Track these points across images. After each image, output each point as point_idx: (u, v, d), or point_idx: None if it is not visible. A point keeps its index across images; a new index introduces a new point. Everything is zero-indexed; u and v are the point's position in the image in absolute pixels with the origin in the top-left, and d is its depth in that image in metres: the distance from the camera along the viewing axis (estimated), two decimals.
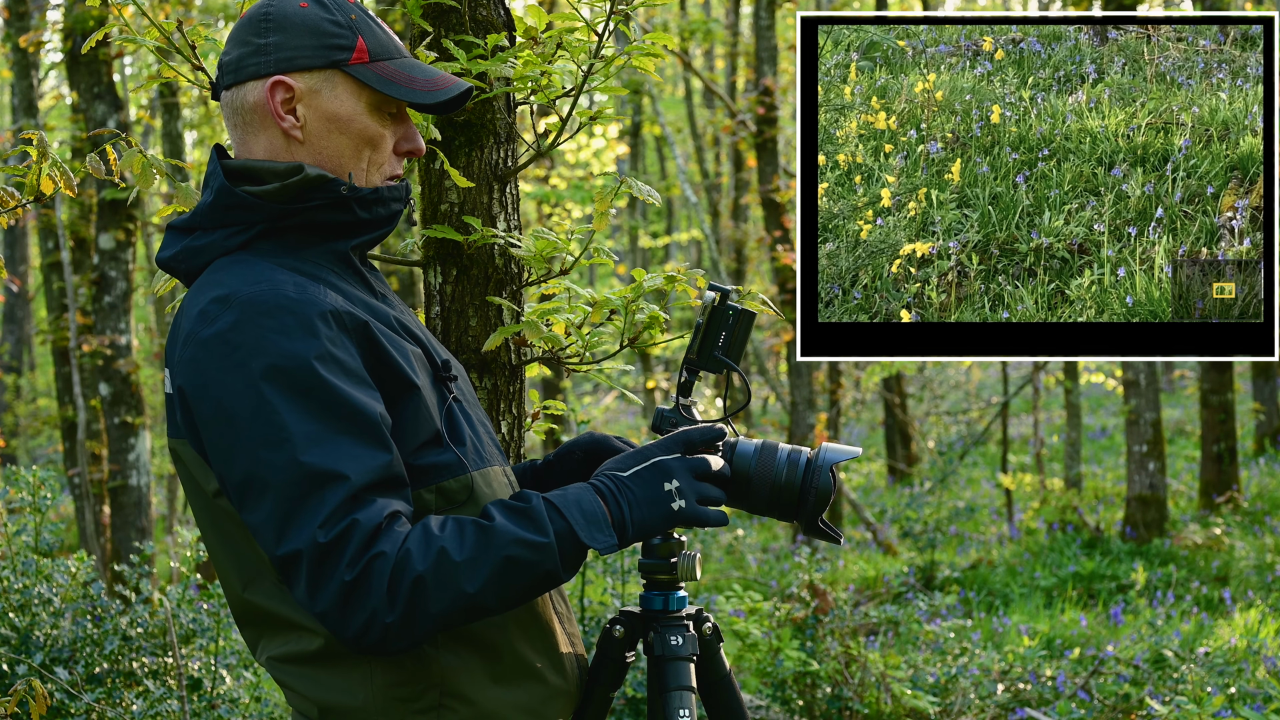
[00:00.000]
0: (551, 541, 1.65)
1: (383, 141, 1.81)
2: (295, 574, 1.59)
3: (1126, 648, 5.58)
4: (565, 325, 2.45)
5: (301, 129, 1.76)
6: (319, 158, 1.77)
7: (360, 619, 1.58)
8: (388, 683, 1.70)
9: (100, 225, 7.67)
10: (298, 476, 1.58)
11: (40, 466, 4.23)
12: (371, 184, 1.81)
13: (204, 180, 1.80)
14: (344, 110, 1.77)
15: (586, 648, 2.01)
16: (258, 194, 1.73)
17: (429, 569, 1.59)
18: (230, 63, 1.79)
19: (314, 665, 1.71)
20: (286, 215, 1.74)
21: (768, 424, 16.15)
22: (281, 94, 1.75)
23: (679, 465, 1.76)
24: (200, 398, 1.63)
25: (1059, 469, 12.47)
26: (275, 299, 1.64)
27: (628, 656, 2.00)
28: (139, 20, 5.76)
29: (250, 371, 1.60)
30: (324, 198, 1.75)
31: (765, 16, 9.60)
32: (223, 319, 1.63)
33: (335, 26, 1.77)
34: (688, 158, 17.91)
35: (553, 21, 2.44)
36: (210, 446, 1.64)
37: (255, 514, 1.61)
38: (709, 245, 10.43)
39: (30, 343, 17.74)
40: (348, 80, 1.77)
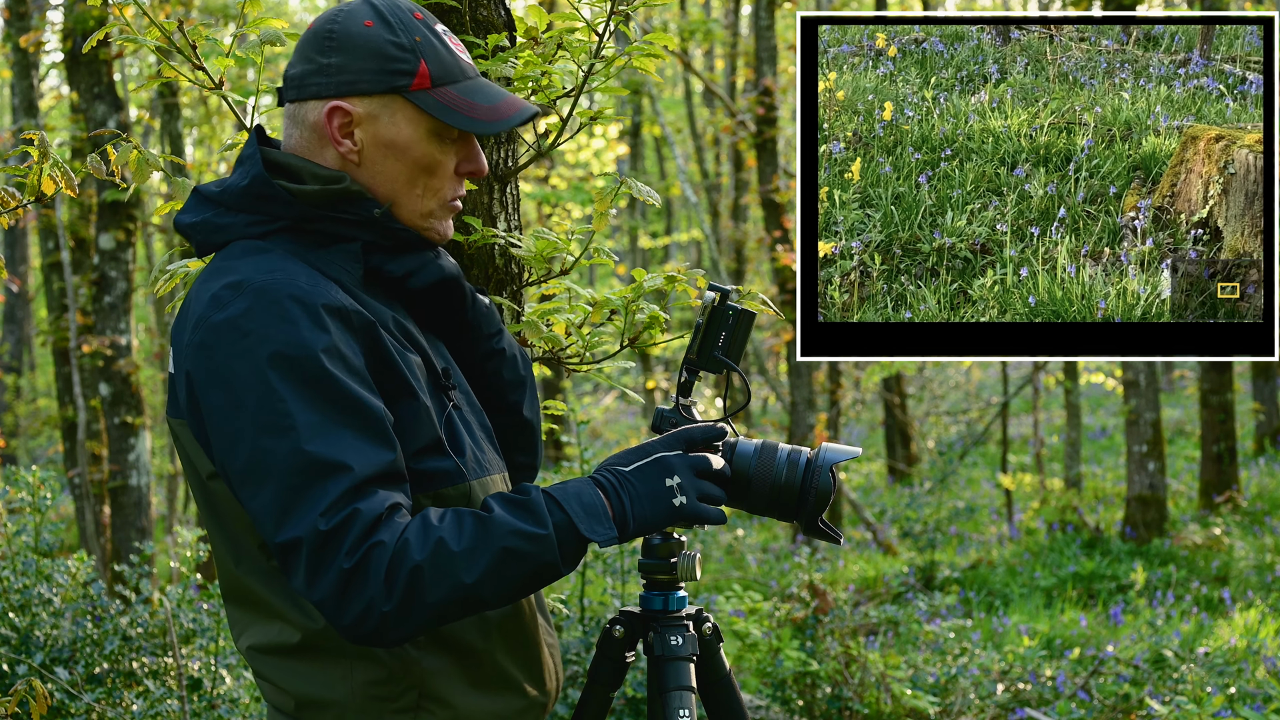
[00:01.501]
0: (550, 533, 1.65)
1: (440, 167, 1.79)
2: (294, 561, 1.59)
3: (1126, 648, 5.58)
4: (565, 325, 2.45)
5: (358, 153, 1.76)
6: (373, 182, 1.77)
7: (358, 607, 1.58)
8: (368, 680, 1.70)
9: (100, 225, 7.67)
10: (301, 465, 1.58)
11: (40, 466, 4.24)
12: (426, 210, 1.80)
13: (238, 159, 1.79)
14: (402, 137, 1.76)
15: (586, 648, 2.02)
16: (293, 192, 1.73)
17: (427, 558, 1.59)
18: (294, 77, 1.78)
19: (294, 658, 1.72)
20: (314, 219, 1.74)
21: (768, 424, 16.15)
22: (339, 119, 1.75)
23: (681, 462, 1.77)
24: (207, 382, 1.63)
25: (1059, 469, 12.47)
26: (288, 289, 1.64)
27: (628, 656, 2.00)
28: (139, 20, 5.77)
29: (258, 358, 1.60)
30: (355, 214, 1.75)
31: (765, 16, 9.60)
32: (234, 305, 1.63)
33: (398, 50, 1.74)
34: (687, 158, 17.92)
35: (553, 21, 2.44)
36: (213, 431, 1.64)
37: (256, 500, 1.61)
38: (709, 245, 10.43)
39: (30, 343, 17.74)
40: (407, 106, 1.75)
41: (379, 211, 1.76)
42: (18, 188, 2.48)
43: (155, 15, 2.30)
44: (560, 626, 4.44)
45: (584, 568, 4.53)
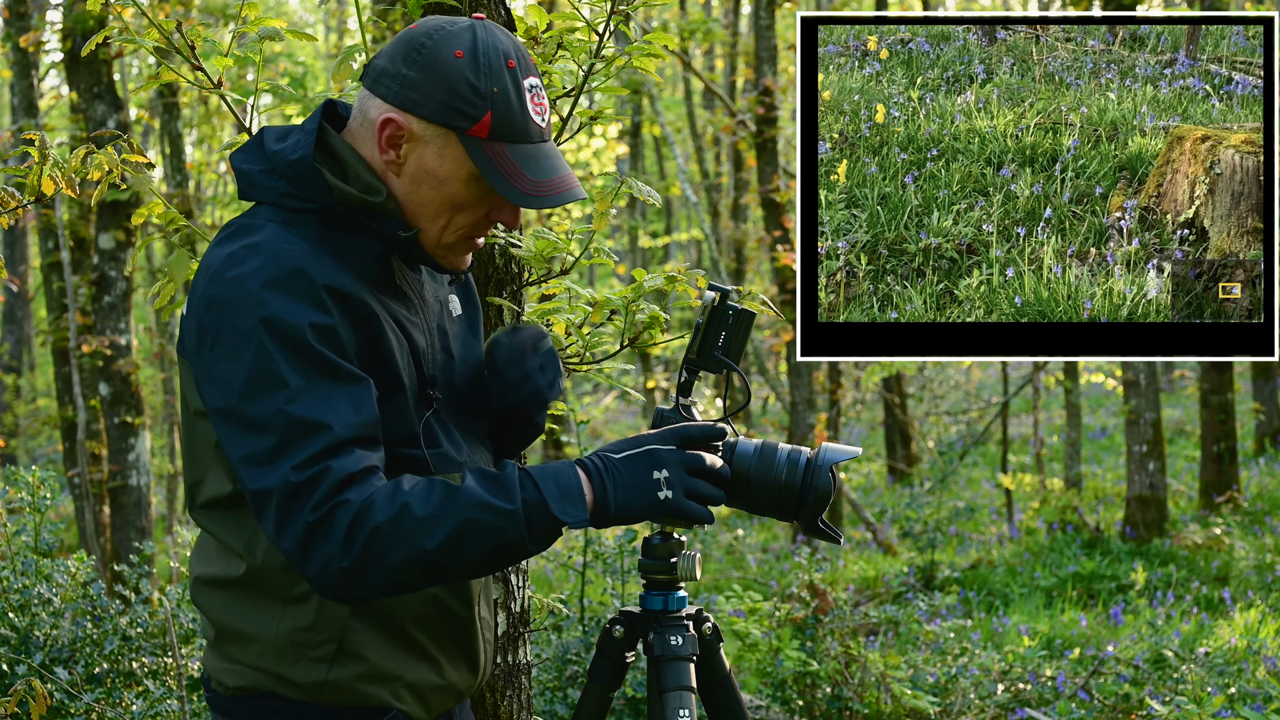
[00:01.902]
0: (518, 509, 1.68)
1: (471, 209, 1.81)
2: (265, 510, 1.66)
3: (1126, 648, 5.58)
4: (565, 325, 2.45)
5: (399, 166, 1.79)
6: (405, 199, 1.80)
7: (318, 561, 1.65)
8: (294, 626, 1.78)
9: (100, 225, 7.67)
10: (283, 423, 1.65)
11: (40, 466, 4.23)
12: (446, 242, 1.83)
13: (304, 123, 1.83)
14: (443, 170, 1.78)
15: (586, 648, 2.03)
16: (331, 186, 1.77)
17: (388, 520, 1.64)
18: (376, 68, 1.80)
19: (231, 591, 1.81)
20: (343, 215, 1.78)
21: (768, 424, 16.15)
22: (391, 129, 1.77)
23: (672, 457, 1.77)
24: (210, 331, 1.70)
25: (1059, 469, 12.47)
26: (297, 261, 1.70)
27: (628, 656, 2.00)
28: (139, 20, 5.76)
29: (254, 318, 1.67)
30: (382, 226, 1.79)
31: (765, 16, 9.60)
32: (247, 265, 1.70)
33: (472, 91, 1.75)
34: (688, 158, 17.92)
35: (553, 21, 2.44)
36: (208, 377, 1.71)
37: (237, 449, 1.68)
38: (709, 245, 10.43)
39: (30, 343, 17.74)
40: (458, 146, 1.76)
41: (405, 235, 1.79)
42: (18, 188, 2.48)
43: (154, 16, 2.30)
44: (560, 626, 4.44)
45: (584, 568, 4.53)
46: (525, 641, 2.48)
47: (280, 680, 1.79)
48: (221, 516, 1.81)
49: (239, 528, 1.79)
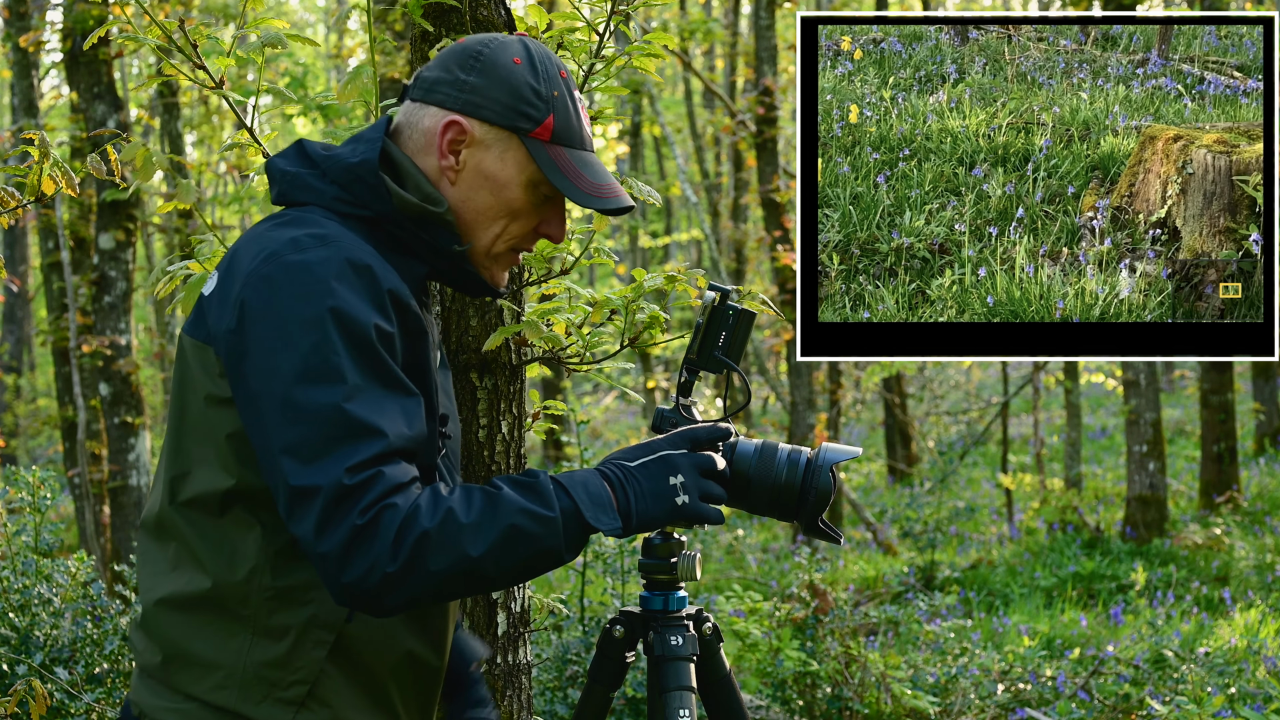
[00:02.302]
0: (556, 516, 1.66)
1: (524, 217, 1.81)
2: (306, 507, 1.59)
3: (1126, 648, 5.58)
4: (565, 325, 2.45)
5: (456, 172, 1.78)
6: (460, 206, 1.79)
7: (362, 565, 1.58)
8: (264, 660, 1.70)
9: (100, 225, 7.67)
10: (339, 419, 1.60)
11: (40, 466, 4.23)
12: (496, 251, 1.82)
13: (357, 136, 1.81)
14: (503, 175, 1.78)
15: (586, 648, 2.03)
16: (392, 192, 1.75)
17: (435, 526, 1.60)
18: (426, 80, 1.80)
19: (195, 610, 1.71)
20: (397, 223, 1.76)
21: (768, 424, 16.15)
22: (454, 133, 1.77)
23: (685, 461, 1.78)
24: (261, 313, 1.63)
25: (1059, 469, 12.47)
26: (368, 260, 1.67)
27: (628, 656, 2.00)
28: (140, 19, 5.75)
29: (321, 306, 1.62)
30: (436, 237, 1.78)
31: (765, 16, 9.60)
32: (314, 252, 1.65)
33: (534, 94, 1.77)
34: (688, 158, 17.92)
35: (553, 21, 2.44)
36: (248, 360, 1.63)
37: (279, 437, 1.60)
38: (709, 245, 10.43)
39: (30, 343, 17.74)
40: (521, 149, 1.77)
41: (459, 249, 1.78)
42: (18, 187, 2.48)
43: (155, 14, 2.30)
44: (560, 626, 4.44)
45: (584, 567, 4.53)
46: (525, 641, 2.48)
47: (235, 718, 1.69)
48: (203, 520, 1.72)
49: (220, 537, 1.71)
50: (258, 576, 1.70)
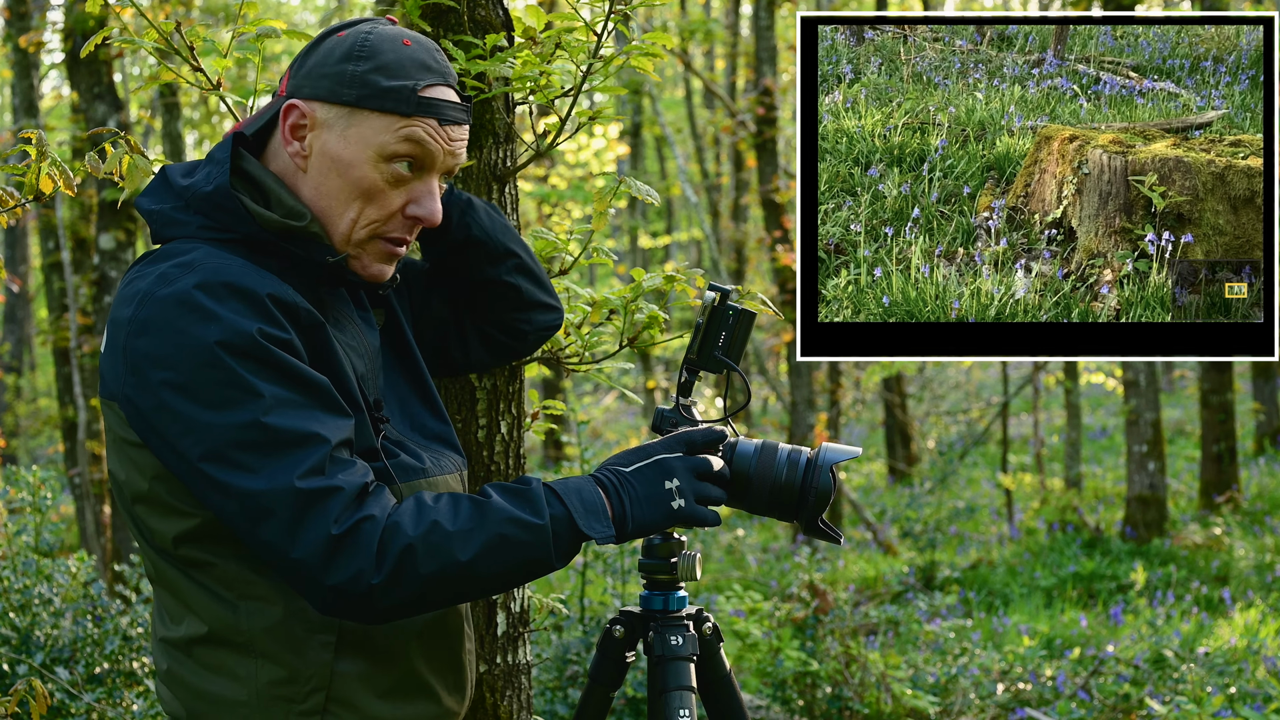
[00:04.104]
0: (546, 524, 1.65)
1: (381, 198, 1.73)
2: (267, 515, 1.56)
3: (1126, 648, 5.58)
4: (565, 325, 2.45)
5: (306, 159, 1.74)
6: (314, 196, 1.74)
7: (346, 573, 1.56)
8: (272, 680, 1.67)
9: (100, 225, 7.66)
10: (268, 437, 1.56)
11: (41, 466, 4.23)
12: (356, 239, 1.75)
13: (208, 156, 1.76)
14: (348, 153, 1.71)
15: (586, 648, 2.02)
16: (253, 213, 1.69)
17: (419, 536, 1.59)
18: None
19: (198, 651, 1.69)
20: (267, 244, 1.71)
21: (768, 424, 16.15)
22: (294, 118, 1.73)
23: (681, 465, 1.77)
24: (154, 360, 1.59)
25: (1059, 469, 12.46)
26: (236, 275, 1.61)
27: (628, 656, 2.00)
28: (139, 21, 5.75)
29: (206, 337, 1.57)
30: (308, 251, 1.72)
31: (765, 16, 9.60)
32: (181, 281, 1.60)
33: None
34: (688, 158, 17.91)
35: (552, 21, 2.44)
36: (160, 410, 1.59)
37: (220, 471, 1.57)
38: (709, 245, 10.43)
39: (30, 343, 17.74)
40: (365, 122, 1.71)
41: (332, 260, 1.72)
42: (17, 187, 2.48)
43: (154, 16, 2.30)
44: (560, 626, 4.44)
45: (584, 567, 4.53)
46: (525, 641, 2.48)
47: None
48: (181, 569, 1.68)
49: (201, 575, 1.68)
50: (242, 603, 1.67)
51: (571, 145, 13.00)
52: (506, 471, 2.43)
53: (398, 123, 1.71)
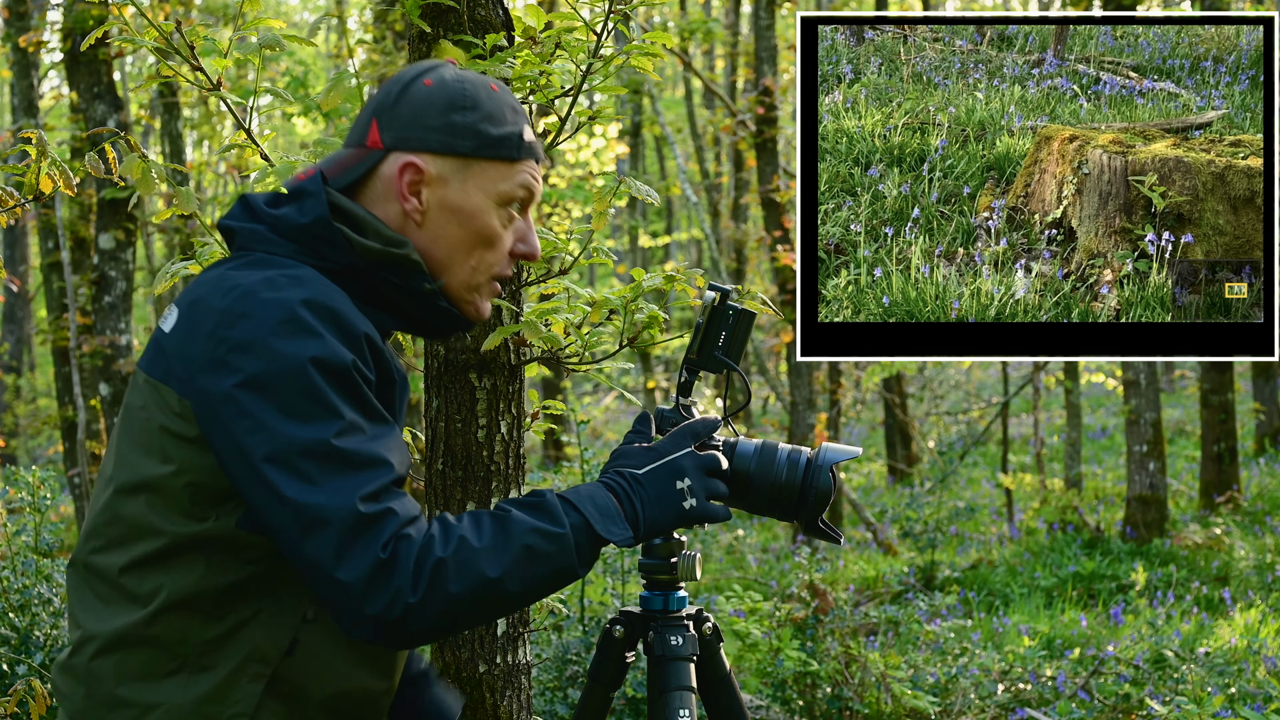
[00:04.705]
0: (567, 532, 1.67)
1: (499, 243, 1.80)
2: (320, 527, 1.56)
3: (1126, 648, 5.58)
4: (564, 325, 2.45)
5: (423, 214, 1.76)
6: (430, 245, 1.77)
7: (385, 597, 1.57)
8: (200, 696, 1.66)
9: (100, 225, 7.66)
10: (339, 452, 1.58)
11: (40, 466, 4.23)
12: (475, 284, 1.80)
13: (294, 190, 1.76)
14: (470, 203, 1.76)
15: (586, 648, 2.03)
16: (353, 242, 1.71)
17: (450, 554, 1.60)
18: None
19: (130, 649, 1.67)
20: (363, 272, 1.73)
21: (768, 424, 16.15)
22: (410, 175, 1.75)
23: (690, 463, 1.79)
24: (242, 354, 1.59)
25: (1059, 469, 12.47)
26: (342, 307, 1.64)
27: (628, 656, 2.00)
28: (139, 20, 5.75)
29: (303, 350, 1.58)
30: (408, 281, 1.75)
31: (765, 16, 9.60)
32: (290, 291, 1.61)
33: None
34: (688, 157, 17.91)
35: (551, 21, 2.44)
36: (234, 406, 1.59)
37: (280, 470, 1.57)
38: (709, 245, 10.43)
39: (30, 343, 17.74)
40: (483, 171, 1.76)
41: (430, 287, 1.76)
42: (16, 187, 2.48)
43: (154, 15, 2.30)
44: (560, 626, 4.44)
45: None
46: (525, 641, 2.48)
47: None
48: (139, 559, 1.66)
49: (160, 574, 1.65)
50: (197, 614, 1.66)
51: (571, 145, 13.00)
52: (506, 471, 2.42)
53: (510, 169, 1.78)
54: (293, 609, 1.69)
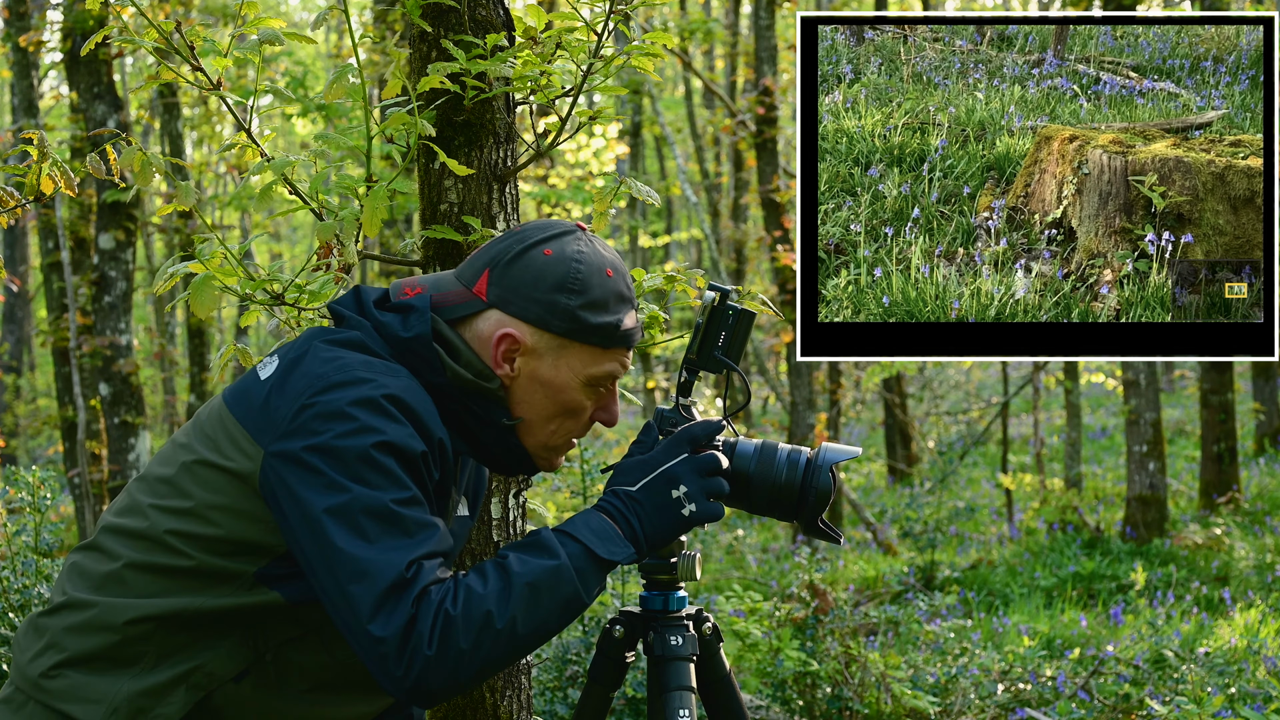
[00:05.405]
0: (565, 562, 1.71)
1: (581, 413, 1.88)
2: (363, 578, 1.64)
3: (1126, 648, 5.58)
4: None
5: (513, 379, 1.84)
6: (515, 407, 1.85)
7: (408, 655, 1.64)
8: (139, 690, 1.74)
9: (100, 225, 7.66)
10: (396, 518, 1.67)
11: (40, 466, 4.23)
12: (553, 445, 1.88)
13: (402, 304, 1.84)
14: (559, 379, 1.83)
15: (586, 648, 2.05)
16: (447, 366, 1.79)
17: (459, 611, 1.66)
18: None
19: (93, 668, 1.75)
20: (448, 394, 1.81)
21: (768, 424, 16.15)
22: (507, 345, 1.82)
23: (685, 469, 1.81)
24: (323, 421, 1.69)
25: (1059, 469, 12.47)
26: (425, 410, 1.74)
27: (628, 656, 2.00)
28: (138, 21, 5.75)
29: (383, 433, 1.68)
30: (488, 412, 1.82)
31: (765, 16, 9.60)
32: (383, 380, 1.72)
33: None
34: (688, 158, 17.92)
35: (552, 21, 2.44)
36: (296, 466, 1.68)
37: (342, 528, 1.65)
38: (709, 245, 10.43)
39: (30, 343, 17.74)
40: (579, 352, 1.83)
41: (509, 423, 1.83)
42: (17, 187, 2.48)
43: (154, 15, 2.30)
44: None
45: None
46: None
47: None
48: (138, 583, 1.76)
49: (141, 590, 1.76)
50: (182, 629, 1.74)
51: (571, 145, 12.99)
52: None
53: (603, 354, 1.85)
54: (261, 645, 1.76)
